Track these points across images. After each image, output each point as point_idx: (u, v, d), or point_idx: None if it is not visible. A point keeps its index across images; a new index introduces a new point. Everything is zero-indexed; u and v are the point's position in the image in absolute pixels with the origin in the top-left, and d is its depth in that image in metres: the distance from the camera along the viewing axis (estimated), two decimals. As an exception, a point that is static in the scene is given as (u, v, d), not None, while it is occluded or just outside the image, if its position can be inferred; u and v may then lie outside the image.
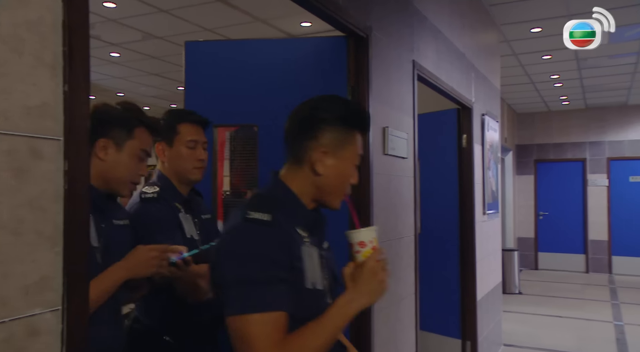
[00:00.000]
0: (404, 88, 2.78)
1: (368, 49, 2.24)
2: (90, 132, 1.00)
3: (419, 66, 2.94)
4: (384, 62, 2.51)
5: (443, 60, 3.45)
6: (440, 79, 3.35)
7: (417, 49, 2.96)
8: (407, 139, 2.79)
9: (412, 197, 2.90)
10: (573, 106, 9.88)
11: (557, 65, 7.03)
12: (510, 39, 5.85)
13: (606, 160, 9.82)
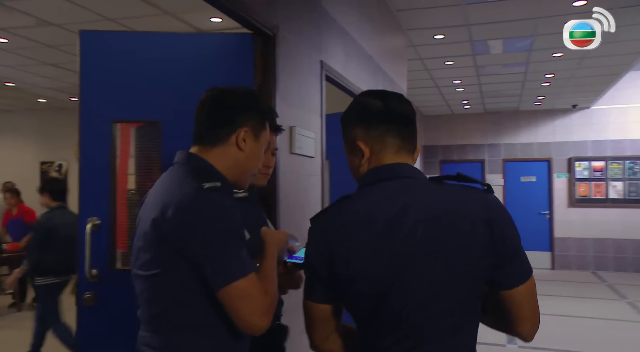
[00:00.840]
0: (312, 88, 2.81)
1: (275, 47, 2.23)
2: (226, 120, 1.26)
3: (327, 67, 2.98)
4: (292, 61, 2.51)
5: (351, 61, 3.52)
6: (349, 80, 3.43)
7: (326, 50, 2.99)
8: (315, 139, 2.82)
9: (319, 196, 2.93)
10: (474, 110, 10.54)
11: (459, 71, 7.45)
12: (417, 44, 6.12)
13: (502, 162, 10.58)
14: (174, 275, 1.20)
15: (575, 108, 9.99)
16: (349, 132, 1.24)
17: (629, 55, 6.61)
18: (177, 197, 1.20)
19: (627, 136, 9.59)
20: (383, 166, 1.19)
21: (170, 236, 1.18)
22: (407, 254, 1.09)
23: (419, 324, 1.10)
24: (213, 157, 1.32)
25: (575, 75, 7.61)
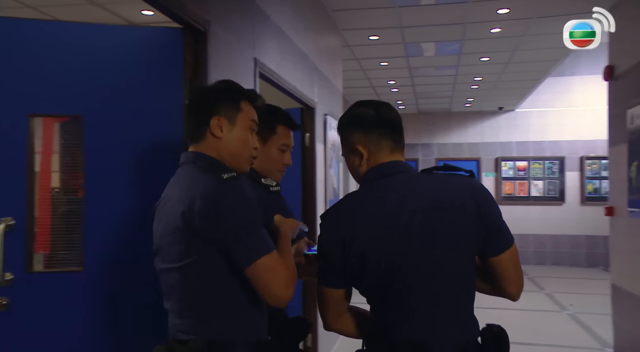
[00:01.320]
0: (246, 85, 2.77)
1: (206, 43, 2.19)
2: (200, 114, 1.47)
3: (261, 64, 2.97)
4: (225, 58, 2.48)
5: (286, 59, 3.52)
6: (283, 78, 3.42)
7: (260, 47, 2.98)
8: (249, 136, 2.79)
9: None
10: (408, 110, 10.84)
11: (393, 72, 7.64)
12: (352, 45, 6.21)
13: (434, 161, 10.95)
14: (206, 262, 1.33)
15: (502, 110, 10.51)
16: (348, 138, 1.46)
17: (547, 62, 7.04)
18: (202, 190, 1.32)
19: (547, 138, 10.22)
20: (381, 165, 1.42)
21: (200, 225, 1.30)
22: (411, 237, 1.32)
23: (425, 295, 1.33)
24: (205, 151, 1.45)
25: (501, 79, 8.01)
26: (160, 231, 1.40)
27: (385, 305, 1.36)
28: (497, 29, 5.61)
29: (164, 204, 1.42)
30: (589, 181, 9.92)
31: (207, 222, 1.30)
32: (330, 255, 1.37)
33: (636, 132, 4.19)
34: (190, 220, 1.30)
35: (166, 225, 1.37)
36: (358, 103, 1.50)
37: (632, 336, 4.34)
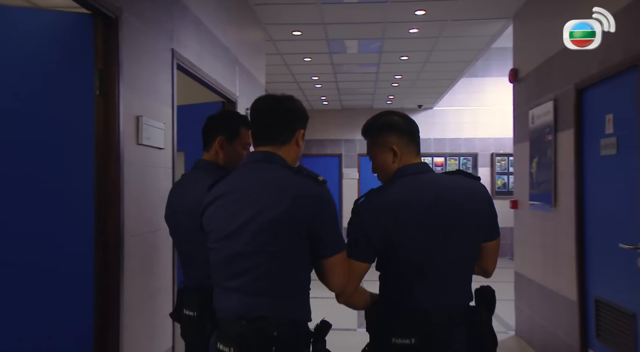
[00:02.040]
0: (162, 77, 2.72)
1: (118, 31, 2.12)
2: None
3: (179, 56, 2.91)
4: (139, 47, 2.41)
5: (206, 52, 3.47)
6: (203, 71, 3.37)
7: (178, 38, 2.91)
8: (165, 130, 2.73)
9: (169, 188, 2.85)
10: (332, 106, 11.01)
11: (317, 67, 7.72)
12: (275, 39, 6.21)
13: (357, 156, 11.21)
14: (291, 250, 1.51)
15: (421, 108, 10.95)
16: (385, 139, 1.75)
17: (461, 63, 7.43)
18: (299, 189, 1.53)
19: (462, 135, 10.78)
20: (413, 164, 1.73)
21: (306, 217, 1.50)
22: (443, 225, 1.65)
23: (444, 272, 1.67)
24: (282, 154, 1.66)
25: (419, 78, 8.34)
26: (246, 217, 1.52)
27: (404, 278, 1.68)
28: (415, 30, 5.84)
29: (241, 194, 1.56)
30: (498, 176, 10.59)
31: (306, 216, 1.51)
32: (370, 234, 1.64)
33: (537, 130, 4.54)
34: (292, 214, 1.49)
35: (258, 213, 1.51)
36: (388, 112, 1.83)
37: (530, 319, 4.72)
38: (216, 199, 1.61)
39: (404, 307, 1.67)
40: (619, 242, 3.12)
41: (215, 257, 1.59)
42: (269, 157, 1.62)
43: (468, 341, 1.69)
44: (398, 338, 1.66)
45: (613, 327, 3.27)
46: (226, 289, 1.55)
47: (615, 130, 3.24)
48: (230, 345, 1.46)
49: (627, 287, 3.08)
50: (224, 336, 1.50)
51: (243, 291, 1.52)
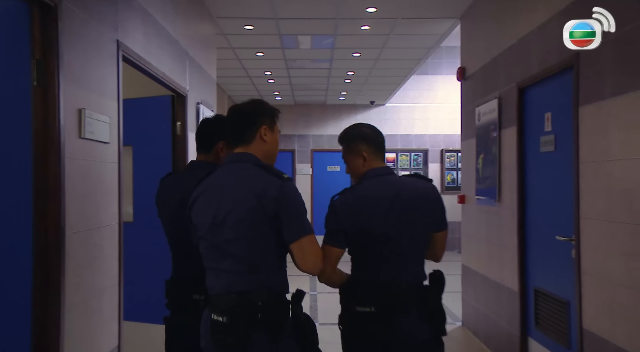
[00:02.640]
0: (107, 69, 2.63)
1: (57, 20, 2.03)
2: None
3: (125, 47, 2.82)
4: (81, 38, 2.32)
5: (153, 44, 3.38)
6: (151, 64, 3.29)
7: (123, 29, 2.83)
8: (110, 123, 2.65)
9: (116, 184, 2.77)
10: (284, 102, 10.97)
11: (269, 62, 7.68)
12: (227, 33, 6.13)
13: (310, 152, 11.24)
14: (265, 235, 1.81)
15: (373, 104, 11.09)
16: (357, 146, 2.18)
17: (412, 61, 7.57)
18: (269, 182, 1.83)
19: (413, 131, 11.00)
20: (377, 168, 2.17)
21: (271, 207, 1.78)
22: (401, 216, 2.07)
23: (401, 254, 2.09)
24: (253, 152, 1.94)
25: (371, 75, 8.44)
26: (226, 211, 1.81)
27: (373, 261, 2.08)
28: (366, 27, 5.91)
29: (220, 191, 1.85)
30: (448, 171, 10.88)
31: (276, 205, 1.79)
32: (343, 224, 2.04)
33: (482, 127, 4.69)
34: (265, 203, 1.78)
35: (235, 206, 1.80)
36: (361, 124, 2.29)
37: (475, 310, 4.89)
38: (200, 195, 1.90)
39: (366, 281, 2.09)
40: (556, 234, 3.28)
41: (205, 245, 1.88)
42: (242, 157, 1.92)
43: (419, 314, 2.06)
44: (360, 306, 2.06)
45: (550, 315, 3.44)
46: (216, 270, 1.86)
47: (554, 128, 3.40)
48: (223, 315, 1.77)
49: (562, 276, 3.24)
50: (217, 308, 1.79)
51: (230, 270, 1.82)
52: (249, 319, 1.76)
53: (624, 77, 2.57)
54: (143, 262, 4.01)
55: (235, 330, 1.76)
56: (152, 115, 4.17)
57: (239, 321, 1.76)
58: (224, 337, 1.77)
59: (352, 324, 2.11)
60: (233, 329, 1.76)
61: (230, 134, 1.97)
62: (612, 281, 2.67)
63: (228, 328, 1.76)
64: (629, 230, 2.53)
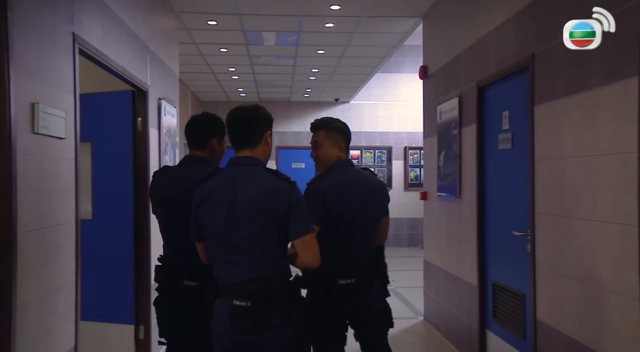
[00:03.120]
0: (62, 62, 2.55)
1: (7, 10, 1.96)
2: None
3: (81, 40, 2.75)
4: (33, 29, 2.24)
5: (112, 37, 3.30)
6: (109, 58, 3.21)
7: (79, 22, 2.75)
8: (66, 118, 2.58)
9: (72, 180, 2.70)
10: (249, 98, 10.89)
11: (233, 58, 7.61)
12: (190, 28, 6.04)
13: (275, 148, 11.20)
14: (274, 233, 2.07)
15: (338, 102, 11.14)
16: (337, 136, 2.60)
17: (375, 59, 7.64)
18: (278, 185, 2.08)
19: (377, 129, 11.11)
20: (346, 159, 2.63)
21: (283, 208, 2.05)
22: (364, 201, 2.56)
23: (366, 234, 2.61)
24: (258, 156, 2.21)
25: (336, 72, 8.47)
26: (241, 210, 2.04)
27: (341, 239, 2.49)
28: (330, 24, 5.92)
29: (233, 191, 2.06)
30: (411, 169, 11.04)
31: (286, 206, 2.05)
32: (325, 206, 2.44)
33: (444, 125, 4.79)
34: (275, 205, 2.04)
35: (250, 206, 2.04)
36: (340, 120, 2.70)
37: (437, 304, 4.99)
38: (211, 195, 2.09)
39: (344, 258, 2.48)
40: (513, 230, 3.39)
41: (217, 241, 2.09)
42: (250, 161, 2.13)
43: (379, 284, 2.65)
44: (342, 279, 2.46)
45: (507, 308, 3.54)
46: (230, 263, 2.08)
47: (511, 126, 3.50)
48: (247, 300, 2.00)
49: (518, 270, 3.34)
50: (238, 294, 2.01)
51: (245, 263, 2.06)
52: (268, 302, 2.01)
53: (574, 78, 2.67)
54: (102, 260, 3.93)
55: (256, 313, 2.00)
56: (112, 110, 4.07)
57: (261, 304, 2.00)
58: (243, 322, 2.00)
59: (330, 296, 2.46)
60: (255, 312, 2.00)
61: (237, 137, 2.16)
62: (563, 274, 2.77)
63: (251, 312, 2.00)
64: (578, 225, 2.63)
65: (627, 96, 2.27)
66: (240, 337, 2.02)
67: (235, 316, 2.00)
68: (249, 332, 2.00)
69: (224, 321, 2.03)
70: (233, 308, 2.00)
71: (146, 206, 4.04)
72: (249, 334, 2.01)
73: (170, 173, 2.59)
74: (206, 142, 2.53)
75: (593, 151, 2.51)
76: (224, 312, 2.02)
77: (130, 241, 3.99)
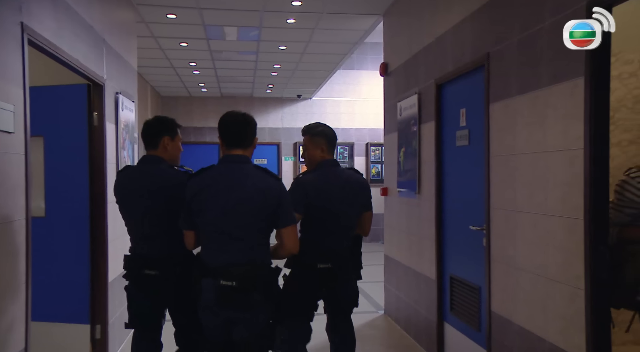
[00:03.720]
0: (10, 54, 2.46)
1: (-50, -1, 1.87)
2: None
3: (31, 31, 2.65)
4: (-20, 19, 2.15)
5: (65, 29, 3.20)
6: (62, 49, 3.11)
7: (28, 12, 2.65)
8: (15, 112, 2.48)
9: (23, 176, 2.60)
10: (210, 94, 10.76)
11: (194, 53, 7.49)
12: (149, 21, 5.91)
13: (237, 145, 11.11)
14: (263, 223, 2.40)
15: (300, 98, 11.13)
16: (319, 139, 3.00)
17: (337, 56, 7.67)
18: (269, 186, 2.40)
19: (340, 125, 11.15)
20: (330, 159, 3.02)
21: (274, 202, 2.38)
22: (343, 197, 2.92)
23: (346, 227, 2.99)
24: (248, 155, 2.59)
25: (298, 68, 8.45)
26: (235, 203, 2.35)
27: (320, 231, 2.92)
28: (292, 20, 5.91)
29: (228, 186, 2.37)
30: (373, 165, 11.16)
31: (276, 200, 2.40)
32: (307, 198, 2.84)
33: (404, 122, 4.86)
34: (267, 199, 2.38)
35: (244, 200, 2.35)
36: (324, 124, 3.13)
37: (397, 298, 5.07)
38: (205, 188, 2.38)
39: (326, 246, 2.93)
40: (469, 224, 3.48)
41: (210, 229, 2.38)
42: (242, 159, 2.45)
43: (353, 267, 3.07)
44: (322, 264, 2.89)
45: (463, 300, 3.64)
46: (220, 249, 2.38)
47: (468, 123, 3.59)
48: (232, 280, 2.31)
49: (474, 264, 3.44)
50: (225, 276, 2.32)
51: (234, 249, 2.37)
52: (252, 283, 2.33)
53: (526, 77, 2.76)
54: (56, 258, 3.81)
55: (240, 292, 2.31)
56: (67, 104, 3.95)
57: (246, 285, 2.32)
58: (228, 299, 2.32)
59: (310, 277, 2.90)
60: (239, 291, 2.31)
61: (232, 139, 2.46)
62: (516, 267, 2.87)
63: (235, 291, 2.31)
64: (530, 219, 2.73)
65: (573, 95, 2.36)
66: (225, 313, 2.35)
67: (221, 294, 2.31)
68: (232, 308, 2.33)
69: (211, 298, 2.34)
70: (220, 287, 2.31)
71: (103, 202, 3.94)
72: (232, 310, 2.34)
73: (133, 171, 2.87)
74: (157, 141, 2.80)
75: (543, 148, 2.61)
76: (211, 291, 2.34)
77: (87, 238, 3.88)
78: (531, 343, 2.70)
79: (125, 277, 2.81)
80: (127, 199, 2.77)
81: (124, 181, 2.81)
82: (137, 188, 2.72)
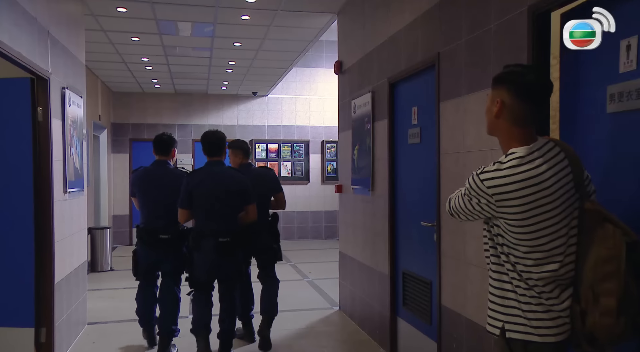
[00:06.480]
0: (-54, 45, 2.33)
1: None
2: None
3: (-31, 22, 2.52)
4: None
5: (5, 20, 3.06)
6: (3, 42, 2.97)
7: (-34, 1, 2.52)
8: (-49, 106, 2.36)
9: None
10: (164, 90, 10.52)
11: (146, 48, 7.30)
12: (97, 14, 5.72)
13: (192, 142, 10.92)
14: (239, 203, 3.89)
15: (255, 95, 11.05)
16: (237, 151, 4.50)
17: (292, 53, 7.66)
18: (239, 178, 3.89)
19: (296, 123, 11.16)
20: (248, 163, 4.51)
21: (245, 190, 3.89)
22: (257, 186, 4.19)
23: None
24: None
25: (253, 65, 8.39)
26: (222, 191, 3.78)
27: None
28: (246, 17, 5.86)
29: (216, 180, 3.79)
30: (328, 162, 11.21)
31: (242, 190, 3.85)
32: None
33: (357, 119, 4.91)
34: (238, 189, 3.84)
35: (228, 189, 3.79)
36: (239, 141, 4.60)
37: (352, 294, 5.13)
38: (202, 180, 3.76)
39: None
40: (421, 220, 3.55)
41: (205, 208, 3.77)
42: (221, 163, 3.88)
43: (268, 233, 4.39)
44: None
45: (415, 295, 3.72)
46: (210, 221, 3.77)
47: (419, 121, 3.66)
48: (227, 237, 3.75)
49: (426, 259, 3.52)
50: (222, 234, 3.75)
51: (220, 221, 3.78)
52: (237, 240, 3.82)
53: (475, 76, 2.85)
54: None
55: (231, 245, 3.78)
56: (9, 99, 3.77)
57: (235, 240, 3.80)
58: (224, 250, 3.76)
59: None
60: (231, 244, 3.77)
61: (212, 149, 3.88)
62: (465, 261, 2.96)
63: (230, 245, 3.76)
64: (479, 214, 2.82)
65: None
66: (217, 260, 3.77)
67: (220, 247, 3.73)
68: (226, 256, 3.79)
69: (210, 250, 3.73)
70: (219, 243, 3.72)
71: (49, 201, 3.80)
72: (224, 257, 3.78)
73: (150, 170, 4.22)
74: (169, 150, 4.28)
75: (491, 146, 2.70)
76: (211, 246, 3.73)
77: (31, 237, 3.73)
78: (480, 335, 2.79)
79: (140, 241, 4.18)
80: (147, 189, 4.14)
81: (144, 176, 4.18)
82: (154, 181, 4.16)
